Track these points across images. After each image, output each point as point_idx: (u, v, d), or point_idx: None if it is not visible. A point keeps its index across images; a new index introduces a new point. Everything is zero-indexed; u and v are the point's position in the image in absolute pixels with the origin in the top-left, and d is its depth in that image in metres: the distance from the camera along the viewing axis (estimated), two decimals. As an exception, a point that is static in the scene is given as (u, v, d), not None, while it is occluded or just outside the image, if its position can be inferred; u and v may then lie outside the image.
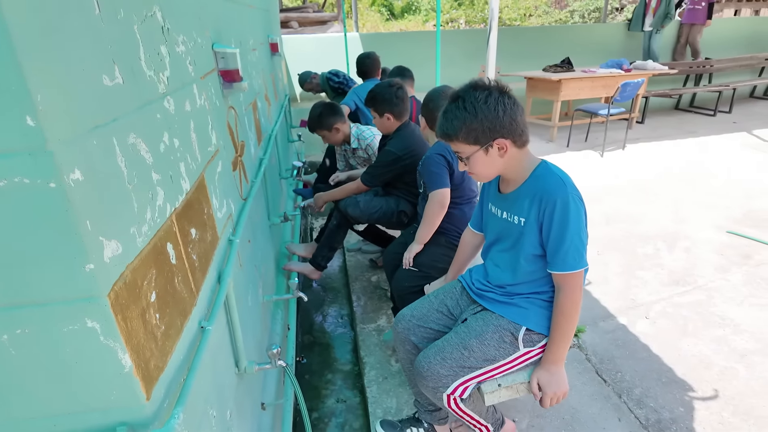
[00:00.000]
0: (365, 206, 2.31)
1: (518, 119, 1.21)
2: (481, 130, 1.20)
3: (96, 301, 0.62)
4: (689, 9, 7.18)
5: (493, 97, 1.19)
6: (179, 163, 0.94)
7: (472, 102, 1.19)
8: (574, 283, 1.25)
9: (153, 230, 0.78)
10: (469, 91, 1.21)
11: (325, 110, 2.67)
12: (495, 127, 1.19)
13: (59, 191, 0.55)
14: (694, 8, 7.12)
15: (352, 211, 2.30)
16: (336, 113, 2.68)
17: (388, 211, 2.33)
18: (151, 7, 0.90)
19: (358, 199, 2.33)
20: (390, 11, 17.22)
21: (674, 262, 2.84)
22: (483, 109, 1.18)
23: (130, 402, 0.69)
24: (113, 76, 0.70)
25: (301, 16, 8.79)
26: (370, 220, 2.36)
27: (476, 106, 1.18)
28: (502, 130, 1.20)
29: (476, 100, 1.19)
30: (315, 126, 2.71)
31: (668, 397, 1.85)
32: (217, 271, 1.16)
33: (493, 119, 1.18)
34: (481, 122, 1.19)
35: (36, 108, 0.52)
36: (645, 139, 5.59)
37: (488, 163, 1.26)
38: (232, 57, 1.44)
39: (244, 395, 1.37)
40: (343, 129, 2.72)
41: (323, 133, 2.73)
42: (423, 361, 1.39)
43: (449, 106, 1.24)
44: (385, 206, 2.33)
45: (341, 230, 2.41)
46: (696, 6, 7.10)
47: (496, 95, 1.19)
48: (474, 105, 1.19)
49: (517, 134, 1.22)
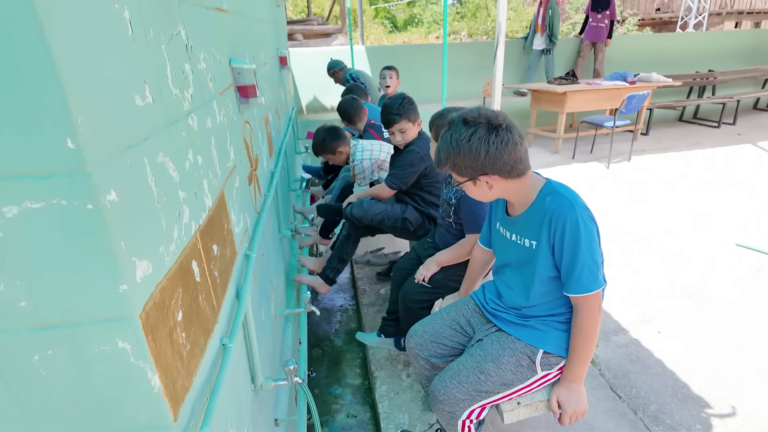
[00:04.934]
0: (369, 206, 2.32)
1: (506, 157, 1.16)
2: (464, 166, 1.19)
3: (128, 322, 0.61)
4: (592, 26, 6.84)
5: (478, 135, 1.15)
6: (203, 180, 0.94)
7: (456, 138, 1.17)
8: (591, 304, 1.22)
9: (180, 248, 0.78)
10: (458, 125, 1.19)
11: (328, 136, 2.76)
12: (476, 165, 1.17)
13: (96, 212, 0.55)
14: (597, 26, 6.80)
15: (357, 211, 2.30)
16: (338, 137, 2.77)
17: (392, 215, 2.32)
18: (176, 26, 0.91)
19: (363, 200, 2.33)
20: (393, 24, 17.41)
21: (684, 276, 2.82)
22: (465, 147, 1.16)
23: (158, 423, 0.68)
24: (144, 95, 0.71)
25: (305, 28, 8.89)
26: (373, 221, 2.33)
27: (459, 143, 1.17)
28: (485, 168, 1.18)
29: (460, 137, 1.17)
30: (319, 150, 2.82)
31: (685, 413, 1.83)
32: (236, 286, 1.16)
33: (474, 158, 1.16)
34: (463, 159, 1.18)
35: (76, 130, 0.52)
36: (650, 151, 5.60)
37: (479, 192, 1.26)
38: (248, 73, 1.45)
39: (259, 412, 1.35)
40: (345, 151, 2.81)
41: (327, 156, 2.84)
42: (439, 385, 1.37)
43: (443, 134, 1.23)
44: (390, 210, 2.33)
45: (350, 241, 2.41)
46: (599, 24, 6.77)
47: (481, 133, 1.15)
48: (458, 141, 1.17)
49: (505, 171, 1.19)
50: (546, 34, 6.60)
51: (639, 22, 15.66)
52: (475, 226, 1.77)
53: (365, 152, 2.65)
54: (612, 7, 6.64)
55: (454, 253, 1.85)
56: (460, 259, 1.84)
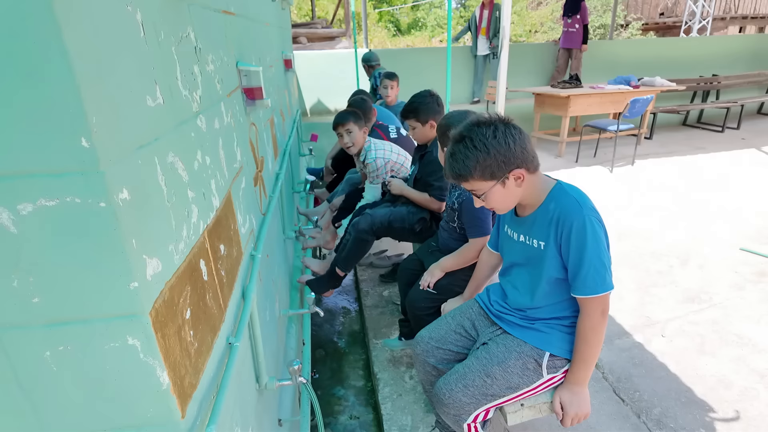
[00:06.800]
0: (373, 214, 2.32)
1: (528, 146, 1.20)
2: (496, 164, 1.18)
3: (138, 319, 0.62)
4: (565, 32, 6.80)
5: (500, 130, 1.18)
6: (210, 180, 0.95)
7: (480, 139, 1.18)
8: (596, 306, 1.22)
9: (188, 247, 0.79)
10: (474, 129, 1.19)
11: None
12: (509, 159, 1.18)
13: (109, 210, 0.56)
14: (568, 31, 6.74)
15: (363, 224, 2.30)
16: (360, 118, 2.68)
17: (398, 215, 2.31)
18: (186, 28, 0.92)
19: (367, 212, 2.34)
20: (397, 27, 17.46)
21: (688, 280, 2.81)
22: (494, 144, 1.17)
23: (165, 420, 0.69)
24: (155, 96, 0.72)
25: (310, 32, 8.92)
26: (382, 226, 2.30)
27: (486, 143, 1.17)
28: (516, 161, 1.19)
29: (485, 137, 1.18)
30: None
31: (688, 417, 1.82)
32: (242, 286, 1.17)
33: (505, 152, 1.18)
34: (494, 158, 1.18)
35: (91, 130, 0.53)
36: (654, 155, 5.59)
37: (506, 195, 1.24)
38: (255, 75, 1.47)
39: (263, 411, 1.36)
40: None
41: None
42: (444, 388, 1.37)
43: (456, 147, 1.22)
44: (396, 211, 2.33)
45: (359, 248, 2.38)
46: (569, 29, 6.73)
47: (502, 128, 1.18)
48: (484, 142, 1.17)
49: (530, 161, 1.21)
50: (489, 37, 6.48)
51: (643, 26, 15.68)
52: (478, 231, 1.77)
53: (379, 151, 2.65)
54: (583, 12, 6.59)
55: (458, 258, 1.85)
56: (464, 265, 1.84)
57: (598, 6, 16.66)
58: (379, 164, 2.62)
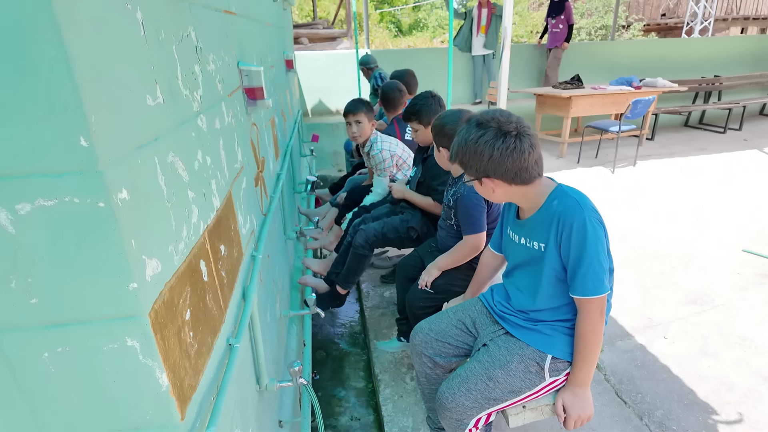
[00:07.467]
0: (367, 229, 2.29)
1: (509, 164, 1.17)
2: (469, 165, 1.23)
3: (137, 320, 0.61)
4: (551, 32, 6.79)
5: (485, 138, 1.17)
6: (211, 180, 0.95)
7: (466, 137, 1.21)
8: (594, 307, 1.21)
9: (188, 248, 0.78)
10: (472, 124, 1.22)
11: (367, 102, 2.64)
12: (479, 167, 1.20)
13: (108, 210, 0.56)
14: (553, 31, 6.75)
15: (359, 239, 2.27)
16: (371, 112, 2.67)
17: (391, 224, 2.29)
18: (187, 28, 0.92)
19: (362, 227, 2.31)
20: (398, 28, 17.46)
21: (690, 281, 2.80)
22: (471, 147, 1.20)
23: (165, 422, 0.68)
24: (155, 96, 0.71)
25: (311, 32, 8.93)
26: (377, 239, 2.28)
27: (467, 142, 1.21)
28: (488, 171, 1.20)
29: (469, 137, 1.20)
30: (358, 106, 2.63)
31: (691, 420, 1.81)
32: (242, 287, 1.16)
33: (477, 160, 1.20)
34: (469, 158, 1.22)
35: (90, 129, 0.52)
36: (656, 156, 5.58)
37: (485, 192, 1.28)
38: (256, 75, 1.46)
39: (264, 413, 1.35)
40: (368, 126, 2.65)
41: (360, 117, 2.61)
42: (447, 392, 1.35)
43: (460, 129, 1.27)
44: (388, 222, 2.31)
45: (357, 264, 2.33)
46: (553, 29, 6.73)
47: (489, 137, 1.17)
48: (467, 140, 1.21)
49: (508, 177, 1.20)
50: (491, 33, 6.46)
51: (644, 27, 15.66)
52: (472, 228, 1.77)
53: (384, 143, 2.64)
54: (567, 12, 6.60)
55: (453, 256, 1.84)
56: (460, 262, 1.84)
57: (599, 7, 16.65)
58: (385, 156, 2.60)
